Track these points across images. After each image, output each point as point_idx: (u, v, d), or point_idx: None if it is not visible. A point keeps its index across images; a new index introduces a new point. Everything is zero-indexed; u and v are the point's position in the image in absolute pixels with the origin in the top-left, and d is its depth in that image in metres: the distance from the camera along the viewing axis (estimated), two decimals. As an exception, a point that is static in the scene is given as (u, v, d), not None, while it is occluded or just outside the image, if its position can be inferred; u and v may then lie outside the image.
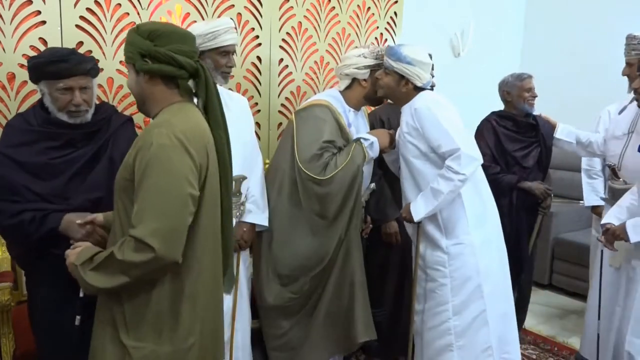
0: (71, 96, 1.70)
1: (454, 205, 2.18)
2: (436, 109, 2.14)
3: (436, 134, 2.11)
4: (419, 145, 2.17)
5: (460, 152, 2.05)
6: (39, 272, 1.77)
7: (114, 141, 1.82)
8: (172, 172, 1.27)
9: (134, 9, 2.44)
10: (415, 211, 2.15)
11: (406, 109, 2.23)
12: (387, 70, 2.21)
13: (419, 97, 2.20)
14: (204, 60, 2.05)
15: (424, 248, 2.26)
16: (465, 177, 2.06)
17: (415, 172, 2.21)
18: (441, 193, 2.08)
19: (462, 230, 2.20)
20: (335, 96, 2.36)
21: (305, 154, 2.19)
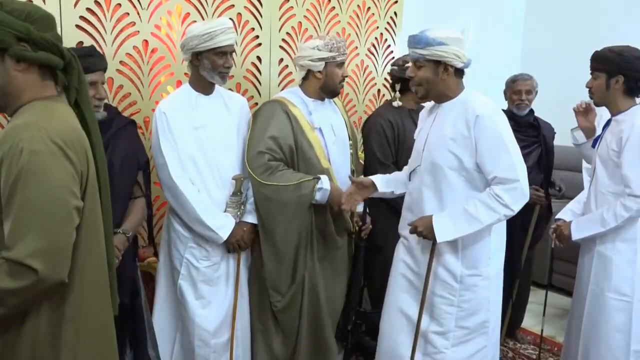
0: (94, 91, 1.74)
1: (483, 236, 1.93)
2: (501, 124, 1.85)
3: (494, 152, 1.82)
4: (462, 157, 1.86)
5: (518, 185, 1.80)
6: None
7: (114, 143, 1.82)
8: (51, 182, 1.08)
9: (134, 9, 2.44)
10: (441, 231, 1.87)
11: (454, 106, 1.92)
12: (418, 63, 1.91)
13: (477, 99, 1.89)
14: (201, 61, 2.06)
15: (434, 271, 2.00)
16: (512, 215, 1.82)
17: (445, 184, 1.92)
18: (479, 222, 1.83)
19: (483, 262, 1.97)
20: (293, 90, 2.36)
21: (251, 151, 2.17)
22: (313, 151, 2.23)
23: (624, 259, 2.08)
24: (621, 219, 2.02)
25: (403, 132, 2.55)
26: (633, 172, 2.00)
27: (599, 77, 2.13)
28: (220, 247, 2.19)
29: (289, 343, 2.31)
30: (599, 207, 2.13)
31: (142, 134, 2.54)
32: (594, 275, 2.15)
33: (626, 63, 2.06)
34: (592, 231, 2.12)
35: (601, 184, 2.13)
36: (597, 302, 2.14)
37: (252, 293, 2.34)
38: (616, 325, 2.09)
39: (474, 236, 1.91)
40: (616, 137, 2.07)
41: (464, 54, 1.88)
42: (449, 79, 1.91)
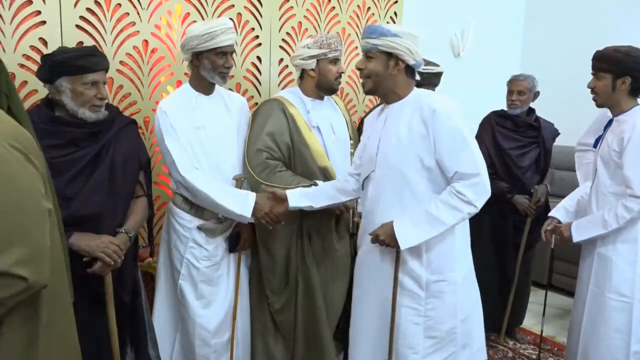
0: (96, 90, 1.74)
1: (445, 238, 1.84)
2: (459, 116, 1.78)
3: (454, 148, 1.74)
4: (422, 156, 1.78)
5: (480, 180, 1.73)
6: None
7: (115, 143, 1.82)
8: (20, 186, 1.03)
9: (134, 9, 2.44)
10: (403, 237, 1.76)
11: (407, 107, 1.84)
12: (369, 54, 1.83)
13: (431, 96, 1.83)
14: (201, 61, 2.06)
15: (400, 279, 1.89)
16: (476, 212, 1.75)
17: (405, 187, 1.82)
18: (442, 224, 1.74)
19: (448, 266, 1.87)
20: (292, 90, 2.38)
21: (250, 150, 2.19)
22: (309, 151, 2.23)
23: (625, 260, 2.07)
24: (623, 220, 2.01)
25: None
26: (634, 172, 1.98)
27: (604, 78, 2.09)
28: (221, 247, 2.19)
29: (287, 344, 2.31)
30: (600, 208, 2.11)
31: (143, 134, 2.54)
32: (594, 276, 2.14)
33: (635, 64, 2.03)
34: (593, 233, 2.11)
35: (602, 185, 2.12)
36: (597, 303, 2.13)
37: (252, 293, 2.34)
38: (616, 326, 2.08)
39: (438, 239, 1.82)
40: (617, 137, 2.06)
41: (417, 51, 1.81)
42: (399, 75, 1.84)
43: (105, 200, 1.75)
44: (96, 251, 1.67)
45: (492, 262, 3.03)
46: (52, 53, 1.76)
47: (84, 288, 1.75)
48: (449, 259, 1.87)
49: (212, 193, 2.04)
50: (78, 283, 1.74)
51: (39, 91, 2.23)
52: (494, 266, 3.03)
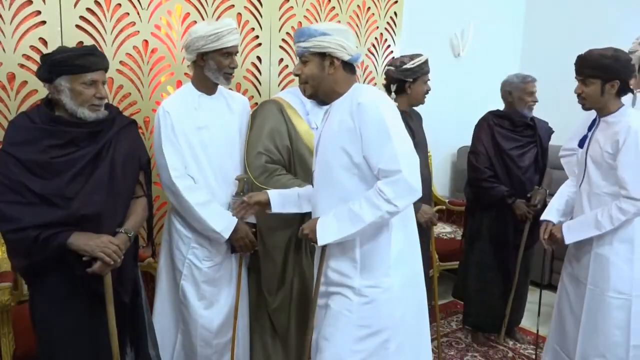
0: (95, 90, 1.74)
1: (379, 237, 1.72)
2: (386, 109, 1.66)
3: (377, 142, 1.63)
4: (351, 152, 1.67)
5: (401, 177, 1.60)
6: (41, 277, 1.77)
7: (116, 143, 1.82)
8: None
9: (134, 9, 2.44)
10: (323, 232, 1.67)
11: (343, 102, 1.74)
12: (303, 58, 1.75)
13: (362, 90, 1.73)
14: (206, 62, 2.06)
15: (326, 283, 1.76)
16: (396, 211, 1.62)
17: (337, 185, 1.72)
18: (362, 221, 1.63)
19: (382, 271, 1.72)
20: (292, 90, 2.37)
21: (250, 153, 2.19)
22: (308, 153, 2.22)
23: (622, 259, 2.09)
24: (617, 221, 2.03)
25: None
26: (629, 174, 2.00)
27: (593, 84, 2.09)
28: (223, 248, 2.19)
29: (283, 344, 2.32)
30: (593, 207, 2.13)
31: (142, 134, 2.54)
32: (591, 275, 2.16)
33: (624, 68, 2.06)
34: (586, 234, 2.12)
35: (596, 185, 2.13)
36: (596, 302, 2.14)
37: (251, 292, 2.34)
38: (616, 323, 2.10)
39: (371, 241, 1.72)
40: (611, 139, 2.07)
41: (350, 45, 1.71)
42: (337, 73, 1.74)
43: (105, 200, 1.75)
44: (95, 251, 1.67)
45: (492, 262, 3.03)
46: (52, 52, 1.76)
47: (83, 288, 1.76)
48: (384, 264, 1.72)
49: (197, 206, 2.05)
50: (77, 283, 1.75)
51: (39, 91, 2.23)
52: (493, 267, 3.03)
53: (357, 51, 1.75)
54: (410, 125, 2.61)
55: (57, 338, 1.77)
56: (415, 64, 2.50)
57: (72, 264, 1.70)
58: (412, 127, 2.62)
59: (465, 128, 3.30)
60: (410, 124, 2.62)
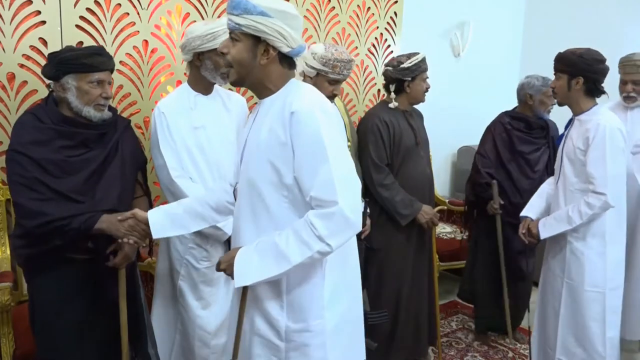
0: (101, 89, 1.75)
1: (311, 276, 1.46)
2: (325, 121, 1.36)
3: (311, 164, 1.34)
4: (280, 170, 1.38)
5: (337, 210, 1.32)
6: (42, 276, 1.78)
7: (122, 143, 1.85)
8: None
9: (134, 9, 2.44)
10: (243, 270, 1.39)
11: (274, 103, 1.43)
12: (233, 35, 1.41)
13: (299, 92, 1.42)
14: (202, 61, 2.06)
15: (249, 325, 1.51)
16: (329, 251, 1.34)
17: (261, 206, 1.43)
18: (287, 262, 1.34)
19: (314, 313, 1.47)
20: None
21: None
22: None
23: (595, 252, 2.19)
24: (586, 216, 2.13)
25: (399, 133, 2.54)
26: (596, 169, 2.10)
27: (561, 78, 2.23)
28: (221, 248, 2.19)
29: None
30: (568, 203, 2.23)
31: (142, 134, 2.55)
32: (567, 270, 2.26)
33: (586, 65, 2.16)
34: (559, 229, 2.22)
35: (569, 182, 2.24)
36: (573, 295, 2.24)
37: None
38: (592, 315, 2.20)
39: (301, 278, 1.45)
40: (582, 136, 2.17)
41: (292, 35, 1.39)
42: (270, 65, 1.42)
43: (120, 197, 1.79)
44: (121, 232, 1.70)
45: (488, 262, 3.04)
46: (60, 51, 1.77)
47: (83, 288, 1.77)
48: (316, 305, 1.46)
49: None
50: (77, 283, 1.76)
51: (38, 91, 2.23)
52: (490, 266, 3.04)
53: (300, 43, 1.44)
54: (412, 124, 2.62)
55: (57, 338, 1.77)
56: (413, 63, 2.50)
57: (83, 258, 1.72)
58: (414, 125, 2.62)
59: (466, 128, 3.30)
60: (412, 123, 2.62)
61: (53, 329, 1.77)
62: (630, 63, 2.70)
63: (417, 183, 2.58)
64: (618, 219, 2.24)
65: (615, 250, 2.23)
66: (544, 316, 2.43)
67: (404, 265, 2.61)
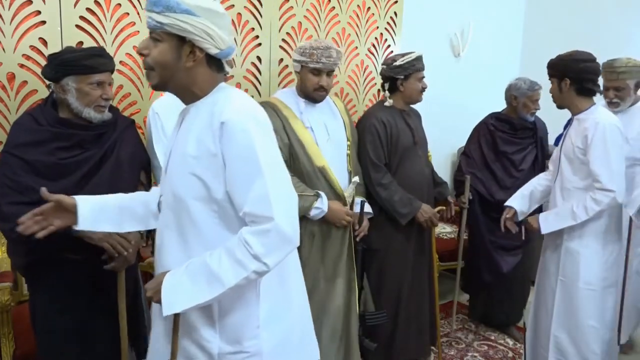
0: (102, 91, 1.76)
1: (244, 294, 1.37)
2: (258, 131, 1.28)
3: (244, 177, 1.26)
4: (209, 184, 1.29)
5: (273, 226, 1.24)
6: (42, 277, 1.78)
7: (120, 143, 1.84)
8: None
9: (134, 9, 2.44)
10: (172, 296, 1.28)
11: (202, 110, 1.33)
12: (154, 35, 1.30)
13: (228, 99, 1.32)
14: None
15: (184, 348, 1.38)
16: (266, 270, 1.27)
17: (189, 223, 1.33)
18: (221, 285, 1.25)
19: (249, 333, 1.37)
20: (287, 90, 2.40)
21: None
22: (303, 150, 2.25)
23: (591, 251, 2.23)
24: (592, 211, 2.15)
25: (396, 133, 2.54)
26: (600, 167, 2.13)
27: (553, 82, 2.29)
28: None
29: None
30: (566, 201, 2.27)
31: (142, 134, 2.54)
32: (562, 268, 2.29)
33: (567, 66, 2.22)
34: (562, 225, 2.24)
35: (567, 180, 2.27)
36: (567, 293, 2.28)
37: None
38: (587, 313, 2.23)
39: (233, 297, 1.34)
40: (581, 135, 2.20)
41: (221, 35, 1.30)
42: (197, 68, 1.32)
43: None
44: (101, 241, 1.68)
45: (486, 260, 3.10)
46: (60, 52, 1.77)
47: (83, 288, 1.77)
48: (251, 325, 1.38)
49: None
50: (77, 283, 1.76)
51: (38, 91, 2.23)
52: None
53: (230, 44, 1.34)
54: (410, 124, 2.61)
55: (57, 339, 1.77)
56: (405, 61, 2.49)
57: (81, 260, 1.71)
58: (411, 125, 2.62)
59: (466, 128, 3.30)
60: (409, 123, 2.62)
61: (53, 329, 1.77)
62: (610, 70, 2.71)
63: (415, 183, 2.58)
64: (616, 218, 2.27)
65: (611, 249, 2.25)
66: (537, 315, 2.46)
67: (404, 266, 2.61)
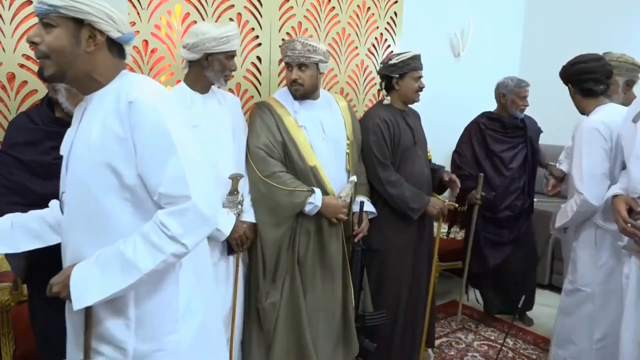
0: None
1: (163, 284, 1.30)
2: (169, 113, 1.24)
3: (157, 157, 1.22)
4: (120, 170, 1.22)
5: (190, 205, 1.21)
6: (41, 277, 1.77)
7: None
8: None
9: (134, 9, 2.44)
10: (81, 288, 1.22)
11: (105, 98, 1.27)
12: (47, 20, 1.21)
13: (135, 82, 1.27)
14: (211, 62, 2.08)
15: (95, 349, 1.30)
16: (184, 252, 1.23)
17: (100, 215, 1.25)
18: (137, 271, 1.19)
19: (167, 328, 1.31)
20: (284, 90, 2.42)
21: (251, 147, 2.27)
22: (296, 149, 2.26)
23: (587, 253, 2.31)
24: (572, 212, 2.27)
25: (398, 132, 2.54)
26: (574, 169, 2.24)
27: (569, 91, 2.38)
28: (219, 248, 2.19)
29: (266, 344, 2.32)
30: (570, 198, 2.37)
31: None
32: (569, 270, 2.43)
33: (566, 72, 2.34)
34: (561, 221, 2.38)
35: (571, 179, 2.35)
36: (567, 295, 2.41)
37: (246, 290, 2.35)
38: (581, 315, 2.33)
39: (152, 290, 1.28)
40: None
41: (121, 18, 1.24)
42: (98, 53, 1.25)
43: None
44: None
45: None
46: None
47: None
48: (169, 318, 1.30)
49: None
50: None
51: (39, 91, 2.23)
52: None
53: (130, 29, 1.29)
54: (410, 124, 2.61)
55: (57, 338, 1.77)
56: (400, 60, 2.49)
57: None
58: (411, 125, 2.62)
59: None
60: (410, 123, 2.61)
61: (52, 329, 1.76)
62: None
63: (415, 183, 2.58)
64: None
65: (605, 255, 2.26)
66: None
67: (404, 266, 2.60)
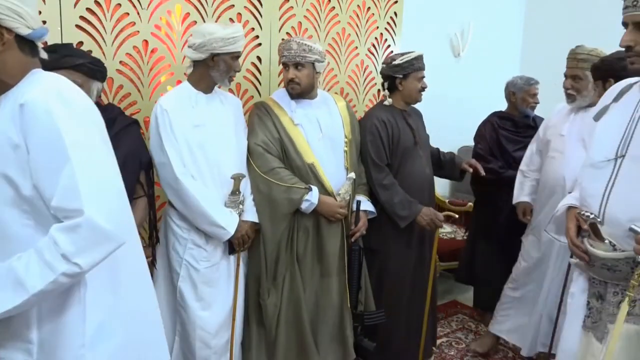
0: None
1: (66, 306, 1.19)
2: (64, 112, 1.12)
3: (49, 166, 1.11)
4: (17, 182, 1.12)
5: (83, 221, 1.09)
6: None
7: (115, 143, 1.82)
8: None
9: (134, 9, 2.44)
10: None
11: (9, 101, 1.16)
12: None
13: (36, 81, 1.17)
14: (217, 63, 2.08)
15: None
16: (78, 272, 1.11)
17: (1, 231, 1.16)
18: (24, 291, 1.09)
19: (72, 353, 1.20)
20: (282, 89, 2.45)
21: (250, 145, 2.30)
22: (293, 146, 2.29)
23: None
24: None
25: (397, 133, 2.54)
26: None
27: (598, 85, 2.37)
28: (220, 248, 2.19)
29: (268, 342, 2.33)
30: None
31: (143, 134, 2.54)
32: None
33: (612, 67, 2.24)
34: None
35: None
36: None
37: (247, 289, 2.36)
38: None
39: (55, 311, 1.18)
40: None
41: (30, 13, 1.14)
42: (6, 52, 1.15)
43: None
44: None
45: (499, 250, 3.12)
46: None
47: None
48: (73, 342, 1.19)
49: (203, 201, 2.06)
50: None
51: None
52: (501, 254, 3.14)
53: (41, 24, 1.20)
54: (410, 124, 2.61)
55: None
56: (404, 60, 2.50)
57: None
58: (412, 125, 2.62)
59: (466, 128, 3.31)
60: (410, 123, 2.61)
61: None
62: (571, 56, 2.57)
63: (416, 183, 2.58)
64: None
65: None
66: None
67: (405, 266, 2.61)
